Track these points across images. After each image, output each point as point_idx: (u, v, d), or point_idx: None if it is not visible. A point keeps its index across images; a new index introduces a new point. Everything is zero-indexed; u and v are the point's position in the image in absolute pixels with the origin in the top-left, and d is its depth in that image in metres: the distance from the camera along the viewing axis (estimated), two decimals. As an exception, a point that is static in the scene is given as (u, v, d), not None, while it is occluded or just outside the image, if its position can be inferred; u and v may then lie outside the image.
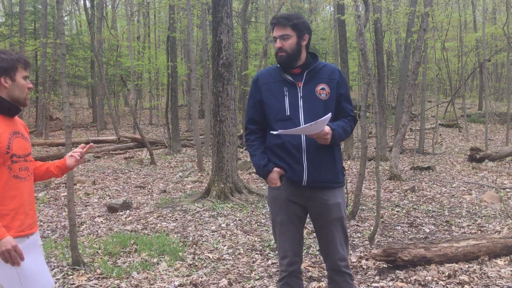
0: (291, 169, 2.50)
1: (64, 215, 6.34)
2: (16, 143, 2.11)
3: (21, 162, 2.12)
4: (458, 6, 18.07)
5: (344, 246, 2.58)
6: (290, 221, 2.57)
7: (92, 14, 16.25)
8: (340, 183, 2.59)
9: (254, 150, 2.62)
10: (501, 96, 26.81)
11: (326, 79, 2.54)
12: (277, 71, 2.59)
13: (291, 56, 2.51)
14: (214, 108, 7.39)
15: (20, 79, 2.12)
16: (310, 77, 2.54)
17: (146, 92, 26.41)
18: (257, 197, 7.23)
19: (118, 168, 10.91)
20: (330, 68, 2.59)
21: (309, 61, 2.57)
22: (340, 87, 2.57)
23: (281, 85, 2.55)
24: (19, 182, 2.09)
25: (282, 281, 2.62)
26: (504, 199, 6.91)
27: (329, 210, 2.53)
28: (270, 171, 2.54)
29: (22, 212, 2.09)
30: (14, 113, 2.16)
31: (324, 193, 2.53)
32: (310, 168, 2.48)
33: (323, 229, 2.57)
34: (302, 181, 2.49)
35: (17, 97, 2.13)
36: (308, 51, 2.60)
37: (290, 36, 2.50)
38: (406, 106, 9.66)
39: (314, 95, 2.50)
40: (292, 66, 2.55)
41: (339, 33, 12.97)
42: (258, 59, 18.30)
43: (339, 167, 2.58)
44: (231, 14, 7.50)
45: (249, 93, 2.74)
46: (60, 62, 4.47)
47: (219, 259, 4.48)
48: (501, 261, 4.05)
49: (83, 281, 3.90)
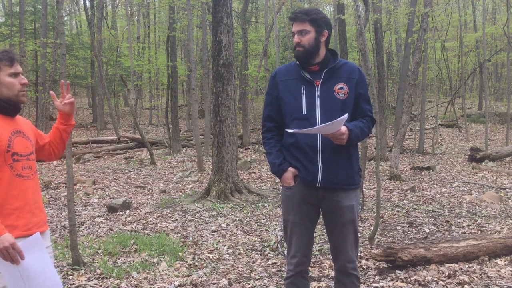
0: (305, 170, 2.46)
1: (64, 215, 6.33)
2: (17, 142, 2.10)
3: (23, 160, 2.11)
4: (458, 6, 18.07)
5: (354, 249, 2.56)
6: (301, 221, 2.55)
7: (92, 14, 16.23)
8: (355, 185, 2.55)
9: (270, 148, 2.59)
10: (501, 96, 26.80)
11: (345, 78, 2.48)
12: (296, 68, 2.53)
13: (309, 52, 2.45)
14: (214, 108, 7.39)
15: (6, 78, 2.08)
16: (329, 76, 2.47)
17: (146, 92, 26.40)
18: (257, 197, 7.23)
19: (118, 168, 10.91)
20: (350, 67, 2.52)
21: (328, 58, 2.51)
22: (360, 87, 2.50)
23: (299, 83, 2.49)
24: (23, 181, 2.08)
25: (289, 279, 2.62)
26: (504, 199, 6.91)
27: (342, 212, 2.50)
28: (285, 171, 2.51)
29: (28, 210, 2.08)
30: (12, 112, 2.14)
31: (338, 194, 2.49)
32: (325, 169, 2.43)
33: (335, 230, 2.55)
34: (316, 182, 2.45)
35: (7, 96, 2.09)
36: (328, 47, 2.53)
37: (308, 31, 2.44)
38: (406, 106, 9.66)
39: (332, 95, 2.45)
40: (310, 63, 2.48)
41: (339, 33, 12.97)
42: (258, 59, 18.30)
43: (355, 168, 2.53)
44: (231, 14, 7.50)
45: (266, 90, 2.67)
46: (60, 62, 4.47)
47: (219, 259, 4.48)
48: (501, 261, 4.05)
49: (83, 281, 3.90)
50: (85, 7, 16.76)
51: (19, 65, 2.15)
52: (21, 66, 2.30)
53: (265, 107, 2.65)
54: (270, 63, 18.52)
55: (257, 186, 8.33)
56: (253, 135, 17.00)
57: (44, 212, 2.23)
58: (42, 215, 2.18)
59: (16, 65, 2.12)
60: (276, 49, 15.61)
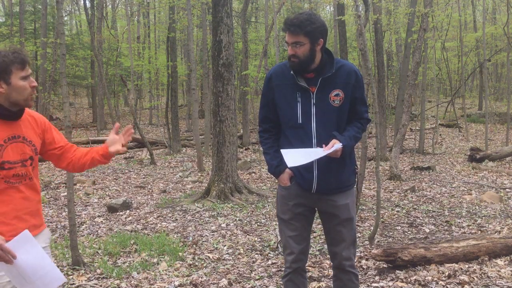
0: (301, 177, 2.49)
1: (64, 215, 6.33)
2: (11, 149, 2.03)
3: (17, 168, 2.04)
4: (458, 6, 18.06)
5: (351, 247, 2.58)
6: (296, 219, 2.57)
7: (92, 14, 16.22)
8: (350, 186, 2.57)
9: (267, 149, 2.60)
10: (501, 96, 26.79)
11: (341, 83, 2.43)
12: (290, 72, 2.49)
13: (304, 63, 2.39)
14: (214, 108, 7.39)
15: (18, 81, 1.98)
16: (325, 83, 2.43)
17: (146, 92, 26.38)
18: (257, 197, 7.23)
19: (118, 168, 10.91)
20: (347, 70, 2.46)
21: (324, 63, 2.44)
22: (356, 91, 2.47)
23: (294, 89, 2.45)
24: (10, 187, 2.01)
25: (287, 277, 2.63)
26: (504, 199, 6.91)
27: (338, 210, 2.53)
28: (281, 172, 2.53)
29: (13, 217, 2.02)
30: (11, 118, 2.06)
31: (333, 196, 2.52)
32: (321, 177, 2.46)
33: (332, 229, 2.58)
34: (311, 189, 2.49)
35: (16, 99, 2.00)
36: (324, 50, 2.46)
37: (303, 43, 2.35)
38: (406, 106, 9.66)
39: (328, 103, 2.42)
40: (306, 71, 2.43)
41: (339, 33, 12.97)
42: (258, 59, 18.29)
43: (350, 170, 2.56)
44: (231, 14, 7.50)
45: (261, 91, 2.66)
46: (60, 62, 4.47)
47: (219, 259, 4.48)
48: (501, 261, 4.05)
49: (83, 281, 3.90)
50: (85, 7, 16.76)
51: (29, 66, 2.04)
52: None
53: (261, 108, 2.65)
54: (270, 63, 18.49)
55: (257, 186, 8.33)
56: (253, 135, 17.01)
57: (38, 217, 2.16)
58: (33, 220, 2.12)
59: (27, 67, 2.01)
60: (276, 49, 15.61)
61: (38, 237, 2.15)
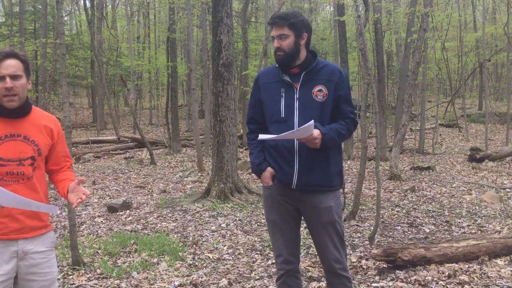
0: (282, 171, 2.49)
1: (64, 215, 6.33)
2: (6, 146, 2.01)
3: (12, 166, 2.02)
4: (458, 6, 18.07)
5: (339, 249, 2.53)
6: (282, 220, 2.56)
7: (92, 14, 16.22)
8: (333, 187, 2.53)
9: (252, 149, 2.63)
10: (501, 96, 26.81)
11: (324, 80, 2.48)
12: (276, 71, 2.56)
13: (289, 56, 2.47)
14: (214, 108, 7.39)
15: None
16: (308, 78, 2.49)
17: (146, 92, 26.40)
18: (257, 197, 7.22)
19: (118, 168, 10.91)
20: (330, 68, 2.51)
21: (308, 60, 2.52)
22: (339, 88, 2.49)
23: (279, 86, 2.52)
24: (3, 185, 1.97)
25: (280, 280, 2.62)
26: (504, 199, 6.91)
27: (320, 213, 2.50)
28: (263, 170, 2.54)
29: (5, 215, 1.99)
30: (10, 115, 2.04)
31: (315, 196, 2.49)
32: (301, 171, 2.45)
33: (315, 232, 2.56)
34: (291, 184, 2.47)
35: None
36: (309, 49, 2.55)
37: (287, 35, 2.45)
38: (406, 106, 9.66)
39: (311, 97, 2.46)
40: (291, 66, 2.50)
41: (339, 33, 12.97)
42: (258, 59, 18.30)
43: (334, 170, 2.52)
44: (231, 14, 7.50)
45: (250, 93, 2.73)
46: (60, 62, 4.47)
47: (219, 259, 4.48)
48: (501, 261, 4.05)
49: (83, 281, 3.90)
50: (85, 7, 16.76)
51: (13, 66, 1.99)
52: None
53: (249, 109, 2.70)
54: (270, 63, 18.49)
55: (257, 186, 8.33)
56: (253, 135, 16.98)
57: (37, 219, 2.11)
58: (29, 222, 2.07)
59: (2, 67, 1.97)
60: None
61: (37, 239, 2.11)
